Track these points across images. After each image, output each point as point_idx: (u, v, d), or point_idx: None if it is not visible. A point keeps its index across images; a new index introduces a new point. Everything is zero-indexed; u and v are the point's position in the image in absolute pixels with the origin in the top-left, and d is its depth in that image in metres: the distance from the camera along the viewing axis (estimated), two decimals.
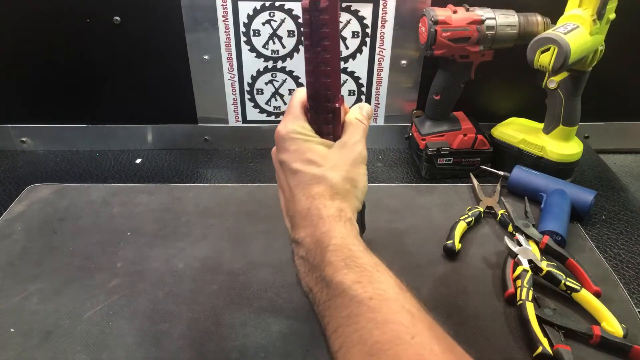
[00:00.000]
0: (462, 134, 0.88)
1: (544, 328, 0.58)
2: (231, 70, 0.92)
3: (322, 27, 0.44)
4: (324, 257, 0.43)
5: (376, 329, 0.37)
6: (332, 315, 0.40)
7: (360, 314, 0.38)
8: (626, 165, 1.02)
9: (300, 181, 0.48)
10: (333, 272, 0.41)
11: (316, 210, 0.46)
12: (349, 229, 0.45)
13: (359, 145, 0.51)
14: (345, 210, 0.47)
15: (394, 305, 0.39)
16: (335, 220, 0.45)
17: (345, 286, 0.40)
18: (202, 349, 0.57)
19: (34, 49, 0.89)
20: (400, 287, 0.41)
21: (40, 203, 0.81)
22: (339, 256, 0.42)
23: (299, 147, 0.49)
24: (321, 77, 0.47)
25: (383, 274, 0.42)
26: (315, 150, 0.49)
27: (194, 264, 0.69)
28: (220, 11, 0.86)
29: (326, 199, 0.47)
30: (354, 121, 0.52)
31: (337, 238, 0.44)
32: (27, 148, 0.98)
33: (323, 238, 0.44)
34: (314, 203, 0.46)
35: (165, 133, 0.98)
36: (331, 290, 0.41)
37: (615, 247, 0.74)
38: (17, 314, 0.61)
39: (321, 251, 0.43)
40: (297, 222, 0.47)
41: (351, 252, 0.43)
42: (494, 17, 0.80)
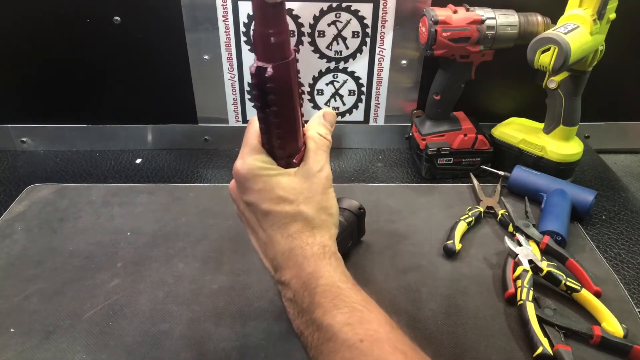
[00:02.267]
0: (462, 134, 0.88)
1: (544, 328, 0.58)
2: (231, 70, 0.92)
3: (269, 94, 0.42)
4: (313, 300, 0.41)
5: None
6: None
7: (353, 359, 0.37)
8: (626, 165, 1.02)
9: (274, 222, 0.46)
10: (322, 314, 0.40)
11: (299, 250, 0.44)
12: (334, 266, 0.44)
13: (325, 169, 0.48)
14: (327, 244, 0.45)
15: (386, 346, 0.38)
16: (320, 258, 0.44)
17: (336, 329, 0.39)
18: (202, 349, 0.57)
19: (34, 49, 0.89)
20: (391, 325, 0.40)
21: (40, 203, 0.81)
22: (327, 297, 0.41)
23: (264, 185, 0.46)
24: (273, 138, 0.45)
25: (373, 312, 0.41)
26: (283, 185, 0.46)
27: (194, 264, 0.69)
28: (220, 11, 0.86)
29: (306, 235, 0.45)
30: (316, 138, 0.48)
31: (324, 278, 0.42)
32: (27, 148, 0.98)
33: (310, 280, 0.43)
34: (295, 242, 0.45)
35: (165, 133, 0.98)
36: (322, 334, 0.40)
37: (615, 247, 0.74)
38: (17, 314, 0.61)
39: (309, 293, 0.42)
40: (280, 264, 0.45)
41: (340, 291, 0.41)
42: (494, 17, 0.80)
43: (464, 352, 0.57)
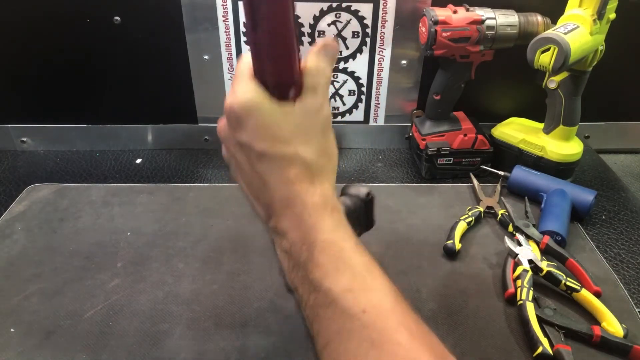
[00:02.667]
0: (462, 134, 0.88)
1: (544, 328, 0.58)
2: (231, 70, 0.92)
3: (261, 3, 0.37)
4: (312, 256, 0.38)
5: (372, 348, 0.34)
6: (322, 327, 0.36)
7: (354, 331, 0.34)
8: (626, 165, 1.02)
9: (270, 165, 0.40)
10: (322, 276, 0.37)
11: (298, 198, 0.40)
12: (336, 220, 0.40)
13: (325, 107, 0.42)
14: (328, 195, 0.41)
15: (391, 321, 0.35)
16: (320, 210, 0.40)
17: (335, 295, 0.36)
18: (202, 349, 0.57)
19: (34, 49, 0.89)
20: (396, 296, 0.37)
21: (40, 203, 0.81)
22: (328, 256, 0.38)
23: (259, 122, 0.40)
24: (265, 61, 0.40)
25: (377, 279, 0.38)
26: (279, 123, 0.40)
27: (194, 264, 0.69)
28: (221, 11, 0.86)
29: (306, 182, 0.40)
30: (314, 72, 0.42)
31: (325, 233, 0.39)
32: (27, 148, 0.98)
33: (309, 233, 0.39)
34: (293, 189, 0.40)
35: (165, 133, 0.98)
36: (320, 296, 0.37)
37: (615, 247, 0.74)
38: (18, 314, 0.61)
39: (307, 248, 0.38)
40: (275, 211, 0.41)
41: (342, 252, 0.38)
42: (494, 17, 0.80)
43: (464, 352, 0.57)
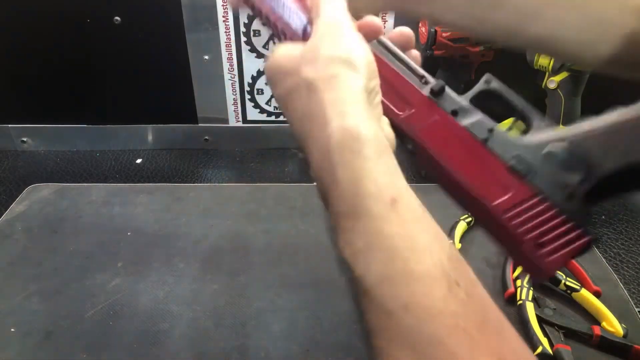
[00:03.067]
0: None
1: (544, 328, 0.58)
2: (231, 70, 0.92)
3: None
4: (336, 216, 0.31)
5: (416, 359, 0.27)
6: (363, 317, 0.29)
7: (393, 332, 0.28)
8: None
9: (284, 106, 0.36)
10: (350, 253, 0.29)
11: (312, 138, 0.33)
12: (359, 164, 0.30)
13: (333, 15, 0.36)
14: (347, 126, 0.31)
15: (442, 321, 0.27)
16: (335, 152, 0.31)
17: (369, 284, 0.28)
18: (202, 349, 0.57)
19: (34, 49, 0.89)
20: (450, 283, 0.28)
21: (40, 203, 0.81)
22: (353, 221, 0.29)
23: (273, 68, 0.36)
24: (270, 23, 0.41)
25: (423, 257, 0.28)
26: (290, 55, 0.35)
27: (195, 264, 0.69)
28: (221, 11, 0.86)
29: (318, 113, 0.32)
30: (313, 1, 0.38)
31: (343, 185, 0.30)
32: (27, 148, 0.98)
33: (327, 184, 0.31)
34: (306, 127, 0.34)
35: (165, 133, 0.98)
36: (354, 279, 0.29)
37: (615, 247, 0.74)
38: (18, 314, 0.61)
39: (332, 210, 0.31)
40: (306, 156, 0.34)
41: (369, 219, 0.29)
42: None
43: None
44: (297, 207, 0.80)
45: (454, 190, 0.38)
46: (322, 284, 0.66)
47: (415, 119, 0.38)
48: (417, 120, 0.38)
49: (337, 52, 0.34)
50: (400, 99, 0.38)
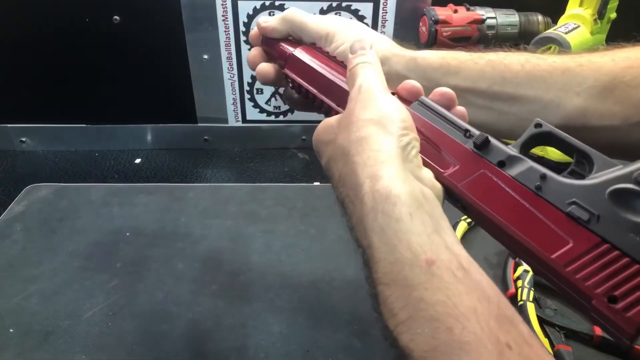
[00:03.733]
0: None
1: (545, 328, 0.58)
2: (231, 70, 0.91)
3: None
4: (377, 294, 0.31)
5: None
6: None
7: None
8: None
9: (328, 174, 0.38)
10: (395, 324, 0.29)
11: (350, 204, 0.34)
12: (393, 227, 0.30)
13: (360, 81, 0.38)
14: (376, 188, 0.31)
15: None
16: (368, 217, 0.31)
17: (417, 358, 0.28)
18: (202, 349, 0.57)
19: (32, 48, 0.89)
20: (499, 349, 0.27)
21: (39, 203, 0.81)
22: (394, 296, 0.29)
23: (319, 138, 0.39)
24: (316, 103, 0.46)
25: (467, 323, 0.27)
26: (329, 126, 0.38)
27: (194, 264, 0.69)
28: (220, 10, 0.86)
29: (351, 178, 0.33)
30: (348, 75, 0.41)
31: (382, 250, 0.30)
32: (26, 148, 0.98)
33: (368, 256, 0.32)
34: (344, 192, 0.35)
35: (164, 133, 0.98)
36: (400, 351, 0.29)
37: None
38: (17, 315, 0.61)
39: (372, 278, 0.31)
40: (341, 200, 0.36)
41: (409, 288, 0.29)
42: (495, 17, 0.80)
43: None
44: (297, 207, 0.80)
45: (510, 244, 0.35)
46: (322, 284, 0.66)
47: (460, 174, 0.37)
48: (462, 176, 0.36)
49: (368, 115, 0.35)
50: (444, 157, 0.38)
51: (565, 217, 0.33)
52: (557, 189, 0.34)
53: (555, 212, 0.33)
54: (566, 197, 0.33)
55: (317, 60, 0.46)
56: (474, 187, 0.36)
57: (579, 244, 0.31)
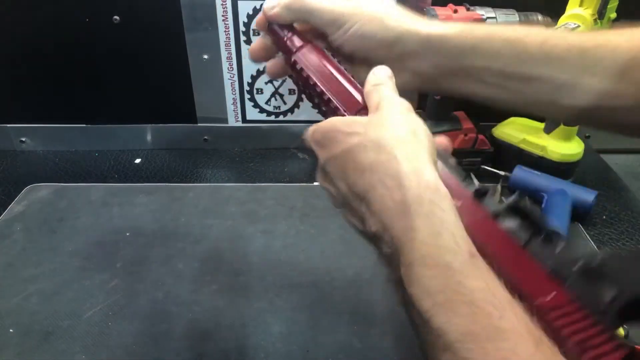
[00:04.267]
0: (462, 133, 0.88)
1: None
2: (231, 70, 0.91)
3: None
4: (410, 273, 0.31)
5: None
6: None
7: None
8: (627, 165, 1.02)
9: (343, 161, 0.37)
10: (428, 307, 0.29)
11: (383, 188, 0.34)
12: (440, 218, 0.31)
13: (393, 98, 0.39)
14: (426, 180, 0.33)
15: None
16: (414, 202, 0.32)
17: (452, 339, 0.28)
18: (202, 349, 0.57)
19: (32, 48, 0.89)
20: (536, 340, 0.28)
21: (39, 203, 0.81)
22: (431, 277, 0.30)
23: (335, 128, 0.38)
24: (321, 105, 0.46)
25: (506, 315, 0.28)
26: (353, 122, 0.38)
27: (194, 264, 0.69)
28: (220, 10, 0.86)
29: (390, 166, 0.34)
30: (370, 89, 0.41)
31: (424, 243, 0.31)
32: (26, 148, 0.98)
33: (402, 242, 0.32)
34: (375, 177, 0.34)
35: (164, 133, 0.98)
36: (432, 334, 0.29)
37: (616, 248, 0.73)
38: (17, 315, 0.61)
39: (405, 263, 0.31)
40: (366, 210, 0.35)
41: (450, 272, 0.29)
42: (495, 17, 0.79)
43: None
44: (297, 207, 0.80)
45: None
46: (322, 284, 0.65)
47: (461, 212, 0.38)
48: (463, 214, 0.38)
49: (406, 125, 0.36)
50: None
51: (548, 274, 0.35)
52: (540, 251, 0.37)
53: (539, 268, 0.36)
54: (547, 260, 0.36)
55: (326, 60, 0.46)
56: (473, 227, 0.37)
57: (559, 297, 0.34)
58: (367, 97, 0.41)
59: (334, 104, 0.44)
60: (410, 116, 0.37)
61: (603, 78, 0.42)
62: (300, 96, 0.94)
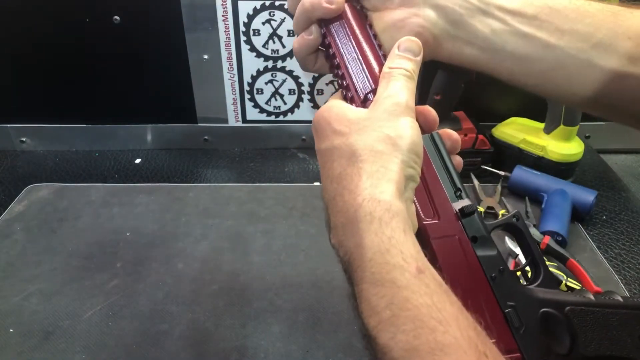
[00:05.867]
0: (462, 134, 0.88)
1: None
2: (231, 70, 0.91)
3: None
4: (360, 288, 0.31)
5: None
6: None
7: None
8: (627, 165, 1.02)
9: (322, 162, 0.37)
10: (375, 323, 0.29)
11: (340, 202, 0.34)
12: (387, 235, 0.31)
13: (395, 95, 0.37)
14: (378, 198, 0.32)
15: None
16: (365, 218, 0.32)
17: (395, 355, 0.28)
18: (202, 349, 0.57)
19: (33, 48, 0.89)
20: (478, 354, 0.28)
21: (39, 203, 0.81)
22: (377, 292, 0.30)
23: (325, 123, 0.37)
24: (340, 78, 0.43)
25: (450, 329, 0.28)
26: (340, 117, 0.37)
27: (194, 264, 0.69)
28: (220, 10, 0.86)
29: (351, 177, 0.34)
30: (386, 72, 0.39)
31: (372, 258, 0.31)
32: (26, 148, 0.98)
33: (354, 253, 0.32)
34: (337, 188, 0.34)
35: (164, 133, 0.98)
36: (379, 350, 0.29)
37: (616, 248, 0.73)
38: (17, 315, 0.61)
39: (355, 274, 0.32)
40: (329, 219, 0.36)
41: (396, 288, 0.29)
42: None
43: None
44: (297, 207, 0.80)
45: None
46: (322, 284, 0.66)
47: (436, 229, 0.38)
48: (437, 232, 0.38)
49: (389, 132, 0.35)
50: (430, 204, 0.39)
51: (502, 315, 0.36)
52: (507, 286, 0.37)
53: (496, 307, 0.36)
54: (510, 298, 0.36)
55: (359, 29, 0.43)
56: (442, 247, 0.37)
57: (501, 344, 0.33)
58: (380, 80, 0.39)
59: (347, 80, 0.42)
60: (399, 122, 0.36)
61: (639, 43, 0.39)
62: (300, 96, 0.94)
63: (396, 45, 0.40)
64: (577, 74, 0.41)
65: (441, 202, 0.39)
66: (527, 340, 0.35)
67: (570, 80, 0.41)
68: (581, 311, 0.37)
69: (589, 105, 0.42)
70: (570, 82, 0.42)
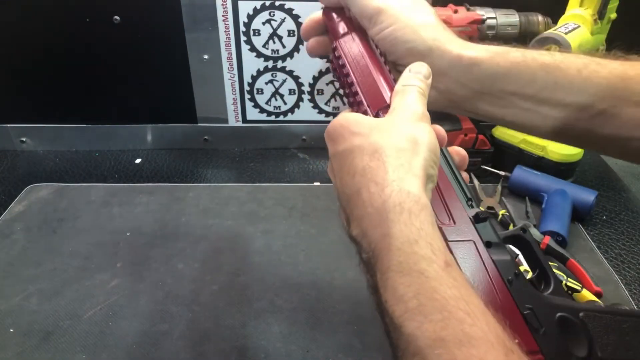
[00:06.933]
0: (463, 133, 0.88)
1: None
2: (231, 70, 0.91)
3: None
4: (385, 279, 0.31)
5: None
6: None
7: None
8: (627, 165, 1.02)
9: (341, 159, 0.37)
10: (400, 313, 0.29)
11: (366, 193, 0.34)
12: (417, 227, 0.32)
13: (411, 106, 0.38)
14: (406, 186, 0.33)
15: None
16: (394, 209, 0.32)
17: (422, 345, 0.28)
18: (202, 349, 0.57)
19: (33, 48, 0.89)
20: (506, 349, 0.28)
21: (39, 203, 0.81)
22: (404, 283, 0.30)
23: (341, 128, 0.38)
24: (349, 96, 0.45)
25: (478, 322, 0.28)
26: (359, 121, 0.38)
27: (194, 264, 0.69)
28: (220, 11, 0.86)
29: (376, 170, 0.34)
30: (399, 89, 0.40)
31: (400, 249, 0.31)
32: (26, 148, 0.98)
33: (380, 244, 0.32)
34: (361, 182, 0.34)
35: (165, 133, 0.98)
36: (402, 341, 0.29)
37: (616, 248, 0.73)
38: (17, 315, 0.61)
39: (380, 266, 0.32)
40: (350, 212, 0.36)
41: (424, 279, 0.30)
42: (495, 17, 0.80)
43: None
44: (297, 207, 0.80)
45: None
46: (322, 284, 0.66)
47: (453, 233, 0.39)
48: (454, 235, 0.39)
49: (411, 131, 0.36)
50: (445, 209, 0.40)
51: (521, 317, 0.36)
52: (523, 290, 0.37)
53: (515, 309, 0.36)
54: (527, 301, 0.37)
55: (366, 52, 0.45)
56: (460, 250, 0.38)
57: (522, 345, 0.33)
58: (394, 96, 0.40)
59: (360, 97, 0.43)
60: (419, 125, 0.37)
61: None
62: (300, 96, 0.94)
63: (408, 68, 0.42)
64: (580, 140, 0.46)
65: (456, 207, 0.40)
66: (547, 342, 0.36)
67: (574, 141, 0.46)
68: (595, 317, 0.38)
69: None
70: (576, 142, 0.47)
